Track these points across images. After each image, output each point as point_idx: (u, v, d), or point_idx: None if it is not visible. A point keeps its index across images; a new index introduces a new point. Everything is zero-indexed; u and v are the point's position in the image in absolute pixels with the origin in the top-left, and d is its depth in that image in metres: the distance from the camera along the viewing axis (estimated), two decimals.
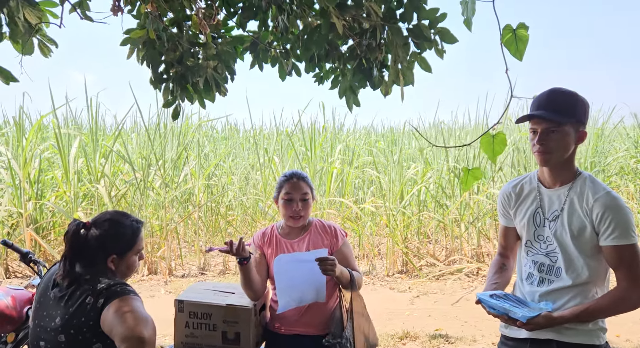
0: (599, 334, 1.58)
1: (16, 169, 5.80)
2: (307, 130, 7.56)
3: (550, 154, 1.58)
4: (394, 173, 6.47)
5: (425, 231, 6.64)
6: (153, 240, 6.10)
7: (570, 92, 1.60)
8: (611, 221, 1.52)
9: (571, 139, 1.58)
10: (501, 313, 1.57)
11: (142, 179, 6.07)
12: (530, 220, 1.69)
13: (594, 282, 1.59)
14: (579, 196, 1.59)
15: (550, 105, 1.57)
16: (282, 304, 1.96)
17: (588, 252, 1.58)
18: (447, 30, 2.13)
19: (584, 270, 1.58)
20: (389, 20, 2.12)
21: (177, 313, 2.03)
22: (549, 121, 1.56)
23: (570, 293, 1.59)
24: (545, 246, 1.66)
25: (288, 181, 2.06)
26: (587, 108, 1.61)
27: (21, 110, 6.24)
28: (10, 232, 5.95)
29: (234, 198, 6.85)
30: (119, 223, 1.61)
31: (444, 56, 2.16)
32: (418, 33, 2.10)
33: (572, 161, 1.63)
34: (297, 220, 2.04)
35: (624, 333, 3.87)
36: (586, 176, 1.62)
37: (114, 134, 6.57)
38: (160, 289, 5.45)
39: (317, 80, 2.57)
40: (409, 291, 5.32)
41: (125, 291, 1.48)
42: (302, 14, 2.18)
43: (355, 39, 2.20)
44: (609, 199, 1.53)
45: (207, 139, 8.81)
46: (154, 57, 2.36)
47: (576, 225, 1.58)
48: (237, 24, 2.43)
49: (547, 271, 1.65)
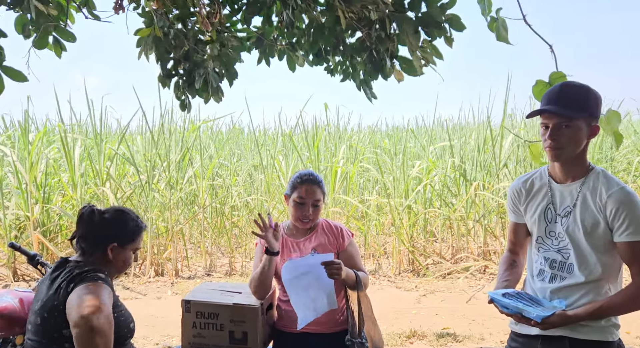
0: (612, 330, 1.56)
1: (23, 173, 5.84)
2: (310, 130, 7.55)
3: (561, 149, 1.55)
4: (399, 172, 6.45)
5: (432, 230, 6.62)
6: (159, 242, 6.11)
7: (582, 85, 1.56)
8: (626, 217, 1.49)
9: (583, 134, 1.54)
10: (514, 313, 1.54)
11: (147, 181, 6.09)
12: (542, 216, 1.67)
13: (606, 279, 1.57)
14: (592, 191, 1.56)
15: (561, 99, 1.54)
16: (301, 318, 1.96)
17: (601, 248, 1.55)
18: (457, 17, 2.09)
19: (596, 267, 1.55)
20: (398, 9, 2.09)
21: (184, 313, 2.02)
22: (560, 116, 1.52)
23: (582, 289, 1.57)
24: (557, 243, 1.63)
25: (303, 185, 2.03)
26: (599, 102, 1.57)
27: (26, 113, 6.28)
28: (18, 235, 5.98)
29: (238, 198, 6.85)
30: (126, 214, 1.70)
31: (452, 45, 2.14)
32: (428, 21, 2.07)
33: (584, 156, 1.60)
34: (305, 223, 2.04)
35: (634, 330, 3.83)
36: (599, 171, 1.59)
37: (119, 136, 6.59)
38: (167, 290, 5.46)
39: (328, 72, 2.56)
40: (416, 290, 5.30)
41: (94, 277, 1.50)
42: (307, 8, 2.17)
43: (364, 30, 2.17)
44: (623, 195, 1.50)
45: (211, 140, 8.83)
46: (162, 55, 2.37)
47: (589, 221, 1.55)
48: (242, 20, 2.43)
49: (559, 267, 1.62)
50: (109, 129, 8.58)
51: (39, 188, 6.01)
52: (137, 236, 1.70)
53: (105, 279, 1.55)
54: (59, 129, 6.26)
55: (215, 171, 7.16)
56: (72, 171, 5.94)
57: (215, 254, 6.43)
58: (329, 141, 7.96)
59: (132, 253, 1.72)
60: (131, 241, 1.68)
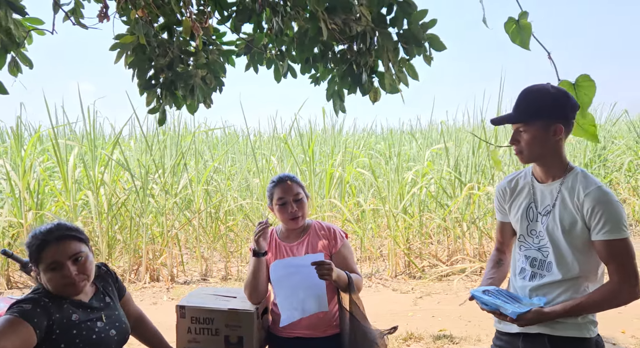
0: (589, 327, 1.58)
1: (15, 180, 5.80)
2: (305, 133, 7.56)
3: (522, 153, 1.62)
4: (393, 174, 6.46)
5: (427, 232, 6.62)
6: (154, 247, 6.08)
7: (541, 88, 1.60)
8: (602, 215, 1.51)
9: (544, 136, 1.57)
10: (493, 309, 1.58)
11: (142, 187, 6.06)
12: (524, 214, 1.70)
13: (585, 277, 1.59)
14: (570, 191, 1.59)
15: (519, 106, 1.61)
16: (285, 317, 1.94)
17: (579, 247, 1.58)
18: (437, 37, 2.14)
19: (574, 265, 1.58)
20: (379, 24, 2.13)
21: (179, 318, 2.01)
22: (517, 122, 1.60)
23: (560, 287, 1.60)
24: (538, 241, 1.66)
25: (277, 186, 2.05)
26: (560, 101, 1.58)
27: (19, 120, 6.24)
28: (11, 243, 5.93)
29: (233, 202, 6.84)
30: (30, 236, 1.57)
31: (431, 63, 2.18)
32: (408, 38, 2.11)
33: (560, 156, 1.62)
34: (296, 220, 2.03)
35: (629, 329, 3.85)
36: (578, 171, 1.62)
37: (113, 142, 6.56)
38: (163, 296, 5.43)
39: (313, 81, 2.57)
40: (412, 292, 5.30)
41: (15, 308, 1.45)
42: (297, 15, 2.18)
43: (346, 43, 2.21)
44: (600, 194, 1.52)
45: (206, 145, 8.81)
46: (142, 63, 2.36)
47: (567, 219, 1.58)
48: (232, 27, 2.44)
49: (539, 266, 1.65)
50: (103, 135, 8.54)
51: (32, 195, 5.97)
52: (40, 254, 1.51)
53: (19, 311, 1.43)
54: (49, 134, 6.22)
55: (210, 176, 7.14)
56: (64, 176, 5.90)
57: (211, 259, 6.41)
58: (324, 145, 7.97)
59: (53, 273, 1.51)
60: (39, 262, 1.52)
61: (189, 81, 2.40)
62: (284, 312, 1.94)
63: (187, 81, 2.40)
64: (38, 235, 1.54)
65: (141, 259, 5.99)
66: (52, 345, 1.49)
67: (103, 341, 1.58)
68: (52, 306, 1.51)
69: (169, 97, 2.45)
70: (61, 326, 1.51)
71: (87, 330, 1.56)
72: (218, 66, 2.50)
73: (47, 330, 1.47)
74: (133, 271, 6.07)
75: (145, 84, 2.44)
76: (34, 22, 2.21)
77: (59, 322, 1.50)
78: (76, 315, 1.56)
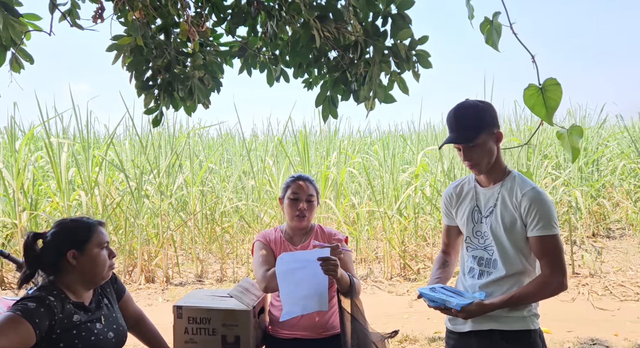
0: (532, 319, 1.71)
1: (9, 180, 5.76)
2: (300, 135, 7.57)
3: (479, 165, 1.72)
4: (388, 176, 6.48)
5: (423, 234, 6.65)
6: (149, 248, 6.06)
7: (472, 105, 1.71)
8: (536, 213, 1.64)
9: (490, 145, 1.70)
10: (439, 305, 1.68)
11: (137, 188, 6.04)
12: (469, 217, 1.82)
13: (527, 273, 1.72)
14: (509, 192, 1.72)
15: (458, 125, 1.71)
16: (286, 311, 1.94)
17: (520, 244, 1.70)
18: (426, 54, 2.18)
19: (517, 261, 1.70)
20: (371, 36, 2.15)
21: (176, 319, 2.01)
22: (466, 141, 1.69)
23: (507, 283, 1.71)
24: (483, 241, 1.78)
25: (295, 182, 2.11)
26: (492, 112, 1.72)
27: (12, 120, 6.20)
28: (5, 243, 5.89)
29: (229, 203, 6.83)
30: (69, 221, 1.63)
31: (419, 79, 2.22)
32: (396, 52, 2.14)
33: (499, 161, 1.76)
34: (301, 219, 2.06)
35: (622, 332, 3.88)
36: (515, 175, 1.75)
37: (107, 142, 6.53)
38: (158, 297, 5.41)
39: (306, 86, 2.57)
40: (408, 294, 5.31)
41: (18, 307, 1.45)
42: (291, 19, 2.20)
43: (340, 51, 2.23)
44: (535, 194, 1.66)
45: (202, 146, 8.80)
46: (140, 64, 2.36)
47: (508, 218, 1.70)
48: (227, 30, 2.44)
49: (486, 264, 1.77)
50: (96, 135, 8.50)
51: (26, 195, 5.94)
52: (92, 233, 1.60)
53: (27, 309, 1.43)
54: (41, 134, 6.19)
55: (206, 177, 7.13)
56: (58, 177, 5.87)
57: (206, 260, 6.39)
58: (319, 146, 7.98)
59: (100, 250, 1.61)
60: (87, 240, 1.59)
61: (187, 82, 2.40)
62: (285, 306, 1.94)
63: (184, 82, 2.40)
64: (82, 219, 1.64)
65: (136, 260, 5.97)
66: (52, 344, 1.49)
67: (101, 343, 1.59)
68: (57, 305, 1.52)
69: (167, 98, 2.45)
70: (62, 326, 1.51)
71: (87, 331, 1.57)
72: (216, 66, 2.51)
73: (48, 329, 1.47)
74: (128, 272, 6.04)
75: (143, 86, 2.45)
76: (31, 18, 2.20)
77: (60, 322, 1.51)
78: (77, 316, 1.56)
